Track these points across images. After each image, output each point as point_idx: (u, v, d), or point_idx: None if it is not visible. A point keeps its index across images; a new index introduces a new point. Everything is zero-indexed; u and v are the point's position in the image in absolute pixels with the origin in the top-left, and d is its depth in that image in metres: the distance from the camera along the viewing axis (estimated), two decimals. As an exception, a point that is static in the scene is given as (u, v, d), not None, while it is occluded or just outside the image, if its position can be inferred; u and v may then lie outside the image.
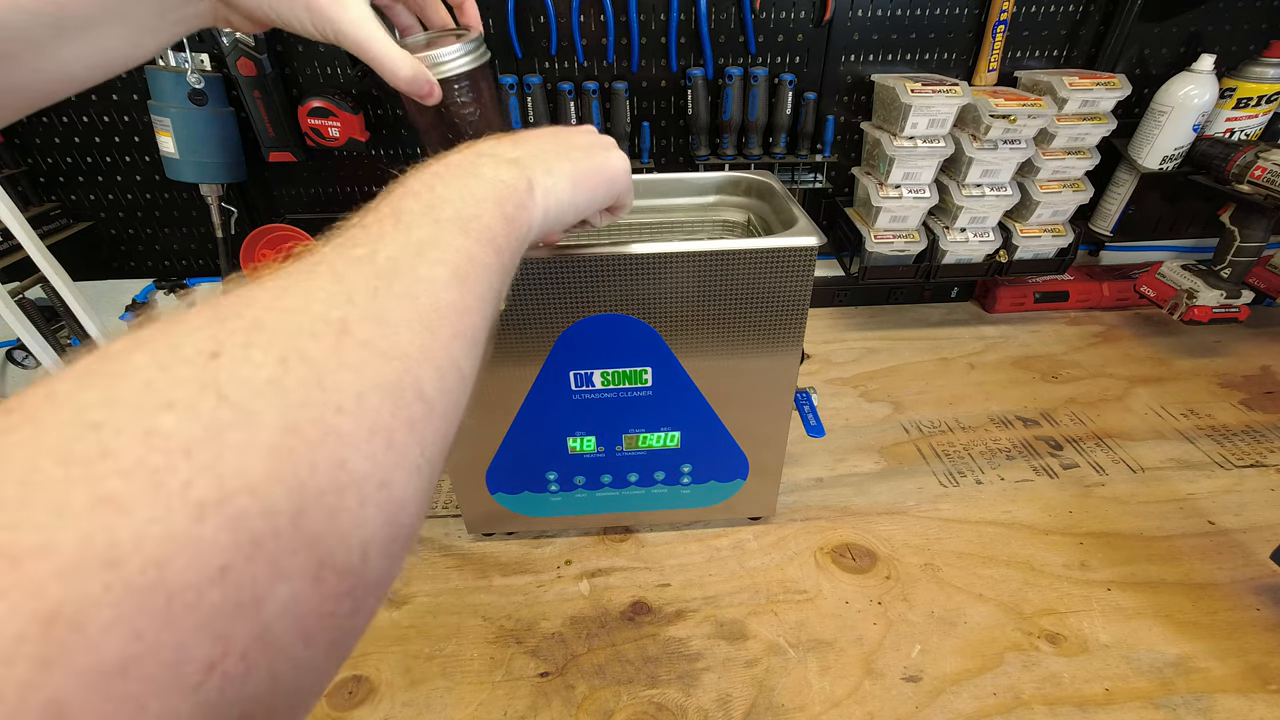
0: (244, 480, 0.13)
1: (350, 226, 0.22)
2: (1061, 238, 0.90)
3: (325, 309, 0.17)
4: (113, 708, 0.11)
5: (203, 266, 0.98)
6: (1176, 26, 0.86)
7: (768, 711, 0.48)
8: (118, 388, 0.13)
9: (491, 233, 0.25)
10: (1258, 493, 0.67)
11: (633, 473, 0.58)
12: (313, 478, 0.14)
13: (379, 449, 0.16)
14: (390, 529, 0.16)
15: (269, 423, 0.14)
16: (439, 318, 0.20)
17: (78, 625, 0.11)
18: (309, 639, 0.14)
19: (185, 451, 0.13)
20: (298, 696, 0.15)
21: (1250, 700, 0.48)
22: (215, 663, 0.12)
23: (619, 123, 0.83)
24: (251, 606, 0.13)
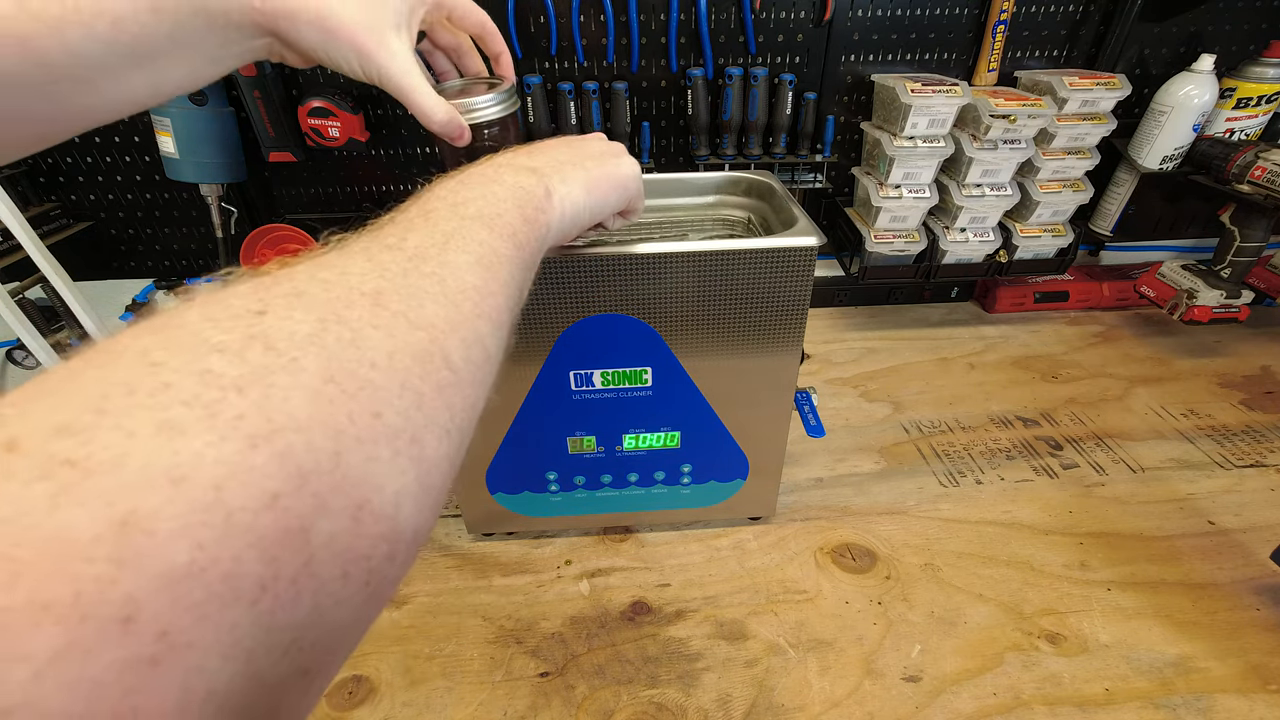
0: (290, 419, 0.14)
1: (382, 223, 0.24)
2: (1061, 238, 0.90)
3: (359, 281, 0.19)
4: (181, 610, 0.12)
5: (203, 266, 0.98)
6: (1176, 26, 0.86)
7: (768, 711, 0.48)
8: (173, 336, 0.15)
9: (512, 229, 0.26)
10: (1258, 493, 0.67)
11: (633, 473, 0.58)
12: (351, 425, 0.15)
13: (410, 406, 0.17)
14: (421, 486, 0.17)
15: (311, 369, 0.15)
16: (463, 296, 0.21)
17: (148, 531, 0.12)
18: (348, 576, 0.15)
19: (237, 389, 0.14)
20: (338, 635, 0.16)
21: (1250, 700, 0.48)
22: (268, 584, 0.13)
23: (619, 123, 0.83)
24: (299, 534, 0.14)
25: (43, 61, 0.27)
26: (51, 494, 0.11)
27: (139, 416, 0.13)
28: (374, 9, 0.34)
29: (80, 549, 0.11)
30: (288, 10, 0.32)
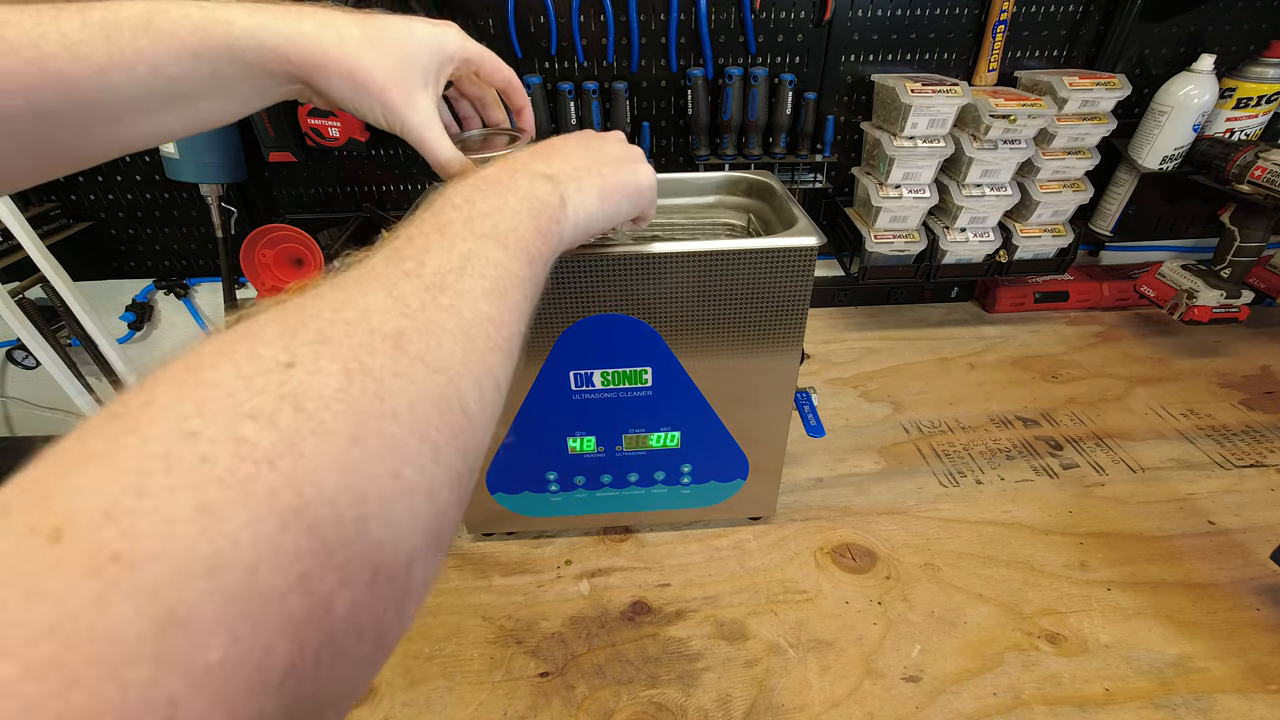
0: (319, 491, 0.14)
1: (397, 237, 0.24)
2: (1061, 238, 0.90)
3: (381, 322, 0.19)
4: (214, 707, 0.12)
5: (203, 266, 0.99)
6: (1176, 26, 0.86)
7: (768, 711, 0.48)
8: (208, 398, 0.14)
9: (525, 244, 0.26)
10: (1258, 493, 0.66)
11: (633, 473, 0.58)
12: (374, 487, 0.15)
13: (427, 459, 0.17)
14: (432, 539, 0.17)
15: (339, 432, 0.15)
16: (478, 330, 0.21)
17: (187, 627, 0.12)
18: (362, 637, 0.15)
19: (270, 461, 0.14)
20: (351, 686, 0.16)
21: (1250, 700, 0.48)
22: (295, 664, 0.13)
23: (619, 123, 0.83)
24: (323, 611, 0.14)
25: (83, 100, 0.28)
26: (99, 594, 0.11)
27: (179, 500, 0.13)
28: (403, 66, 0.35)
29: (126, 651, 0.11)
30: (319, 63, 0.33)
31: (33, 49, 0.26)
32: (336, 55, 0.33)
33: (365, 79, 0.34)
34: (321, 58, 0.33)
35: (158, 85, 0.30)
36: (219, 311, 1.02)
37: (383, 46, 0.34)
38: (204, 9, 0.30)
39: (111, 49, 0.28)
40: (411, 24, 0.36)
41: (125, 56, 0.28)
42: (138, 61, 0.29)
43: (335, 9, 0.34)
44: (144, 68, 0.29)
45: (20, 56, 0.26)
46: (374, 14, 0.35)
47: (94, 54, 0.28)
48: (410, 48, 0.36)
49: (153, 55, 0.29)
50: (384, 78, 0.34)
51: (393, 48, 0.35)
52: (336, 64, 0.33)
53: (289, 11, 0.33)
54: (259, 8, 0.32)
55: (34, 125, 0.28)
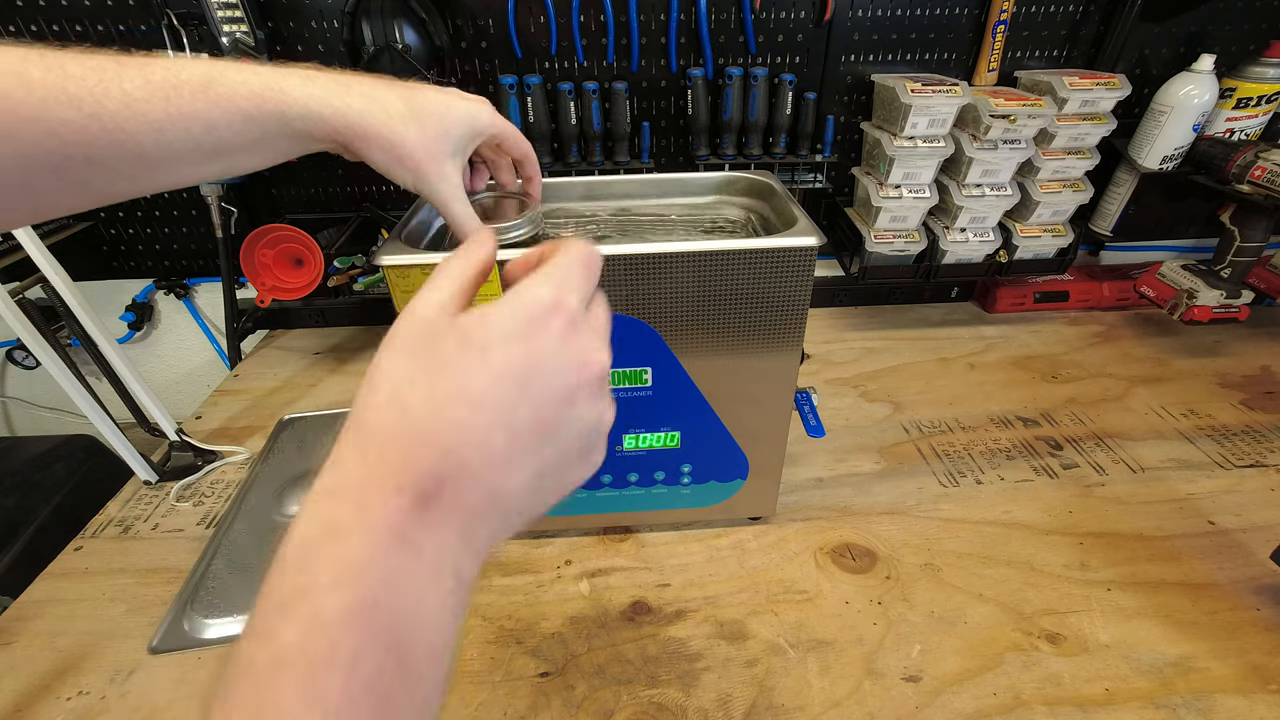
0: None
1: None
2: (1061, 238, 0.90)
3: None
4: None
5: (203, 266, 0.99)
6: (1176, 26, 0.86)
7: (768, 711, 0.48)
8: None
9: None
10: (1258, 493, 0.66)
11: (633, 473, 0.58)
12: None
13: None
14: None
15: None
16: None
17: None
18: None
19: None
20: None
21: (1250, 700, 0.48)
22: None
23: (619, 123, 0.83)
24: None
25: (136, 153, 0.30)
26: None
27: None
28: (439, 140, 0.38)
29: None
30: (363, 134, 0.35)
31: (95, 104, 0.27)
32: (382, 130, 0.36)
33: (405, 154, 0.37)
34: (367, 131, 0.35)
35: (207, 142, 0.32)
36: (219, 311, 1.02)
37: (423, 123, 0.37)
38: (261, 76, 0.32)
39: (170, 108, 0.30)
40: (450, 100, 0.39)
41: (183, 116, 0.30)
42: (193, 121, 0.30)
43: (381, 82, 0.37)
44: (198, 127, 0.31)
45: (82, 110, 0.27)
46: (417, 88, 0.38)
47: (153, 112, 0.29)
48: (447, 124, 0.39)
49: (208, 116, 0.31)
50: (421, 153, 0.37)
51: (432, 124, 0.38)
52: (380, 138, 0.36)
53: (339, 83, 0.35)
54: (311, 77, 0.34)
55: (84, 171, 0.29)
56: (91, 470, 0.86)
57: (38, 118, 0.26)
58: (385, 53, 0.74)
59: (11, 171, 0.27)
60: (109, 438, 0.66)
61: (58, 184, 0.29)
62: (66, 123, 0.27)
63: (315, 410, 0.83)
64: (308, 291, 0.86)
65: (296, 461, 0.74)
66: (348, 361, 0.95)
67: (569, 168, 0.86)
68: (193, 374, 1.14)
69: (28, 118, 0.26)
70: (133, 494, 0.70)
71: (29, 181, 0.28)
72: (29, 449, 0.85)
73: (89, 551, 0.63)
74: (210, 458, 0.75)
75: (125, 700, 0.50)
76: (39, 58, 0.27)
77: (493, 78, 0.84)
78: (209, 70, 0.31)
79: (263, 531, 0.64)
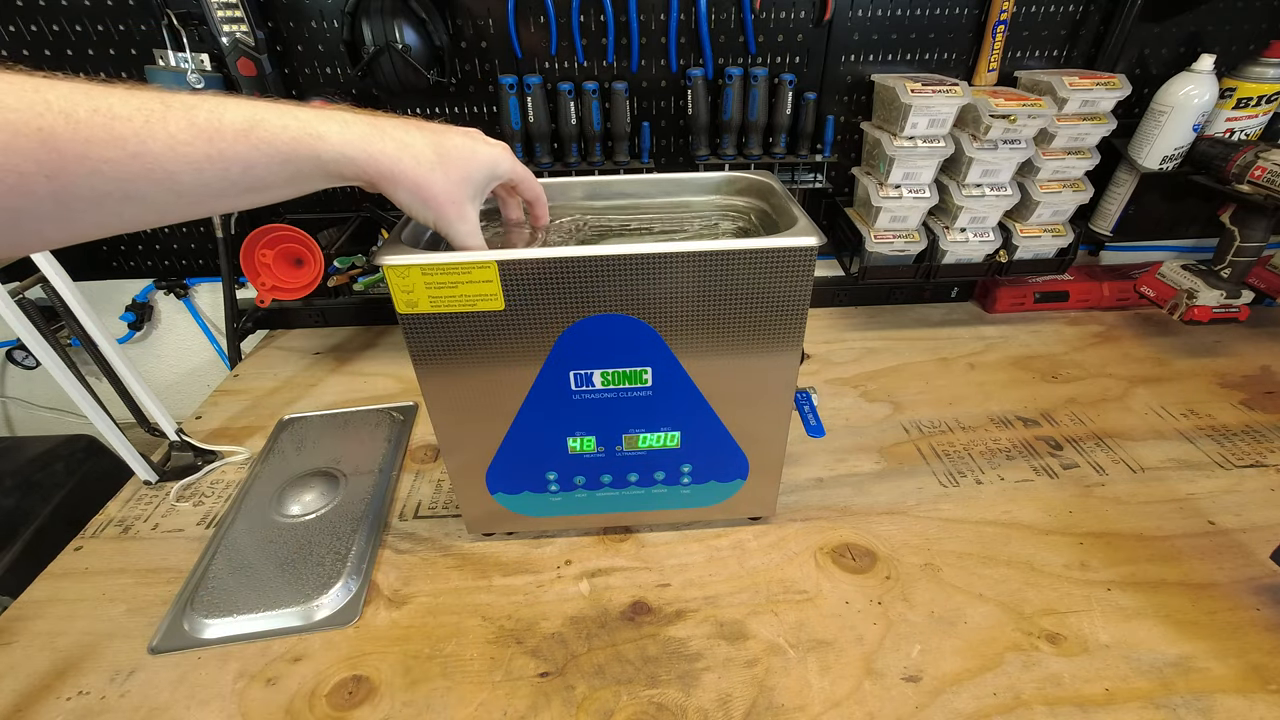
0: None
1: None
2: (1061, 238, 0.90)
3: None
4: None
5: (203, 266, 0.99)
6: (1176, 26, 0.86)
7: (768, 711, 0.48)
8: None
9: None
10: (1258, 493, 0.67)
11: (633, 473, 0.58)
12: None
13: None
14: None
15: None
16: None
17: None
18: None
19: None
20: None
21: (1250, 700, 0.48)
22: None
23: (619, 123, 0.83)
24: None
25: (174, 190, 0.31)
26: None
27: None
28: (462, 185, 0.42)
29: None
30: (391, 177, 0.38)
31: (140, 145, 0.29)
32: (410, 174, 0.39)
33: (429, 197, 0.40)
34: (396, 175, 0.38)
35: (243, 181, 0.33)
36: (219, 311, 1.02)
37: (448, 169, 0.41)
38: (300, 121, 0.34)
39: (212, 151, 0.31)
40: (475, 146, 0.43)
41: (223, 158, 0.31)
42: (233, 162, 0.32)
43: (411, 125, 0.40)
44: (238, 168, 0.32)
45: (126, 150, 0.28)
46: (443, 131, 0.41)
47: (195, 154, 0.31)
48: (470, 169, 0.42)
49: (247, 158, 0.32)
50: (445, 197, 0.41)
51: (457, 169, 0.41)
52: (408, 181, 0.39)
53: (374, 127, 0.37)
54: (348, 122, 0.36)
55: (121, 205, 0.30)
56: (91, 470, 0.86)
57: (84, 156, 0.27)
58: (385, 53, 0.74)
59: (52, 205, 0.28)
60: (109, 438, 0.66)
61: (95, 216, 0.30)
62: (110, 162, 0.28)
63: (315, 410, 0.83)
64: (308, 291, 0.86)
65: (296, 461, 0.74)
66: (348, 361, 0.95)
67: (569, 168, 0.86)
68: (193, 374, 1.14)
69: (73, 156, 0.27)
70: (133, 494, 0.70)
71: (67, 216, 0.29)
72: (29, 449, 0.85)
73: (89, 551, 0.63)
74: (210, 458, 0.75)
75: (125, 700, 0.50)
76: (84, 96, 0.27)
77: (493, 78, 0.84)
78: (252, 114, 0.32)
79: (263, 531, 0.64)
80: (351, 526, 0.64)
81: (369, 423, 0.80)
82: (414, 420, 0.81)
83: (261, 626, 0.55)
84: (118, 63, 0.80)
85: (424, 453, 0.76)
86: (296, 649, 0.53)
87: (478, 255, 0.44)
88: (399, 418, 0.81)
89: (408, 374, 0.90)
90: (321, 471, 0.71)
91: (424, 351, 0.49)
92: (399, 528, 0.65)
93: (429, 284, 0.45)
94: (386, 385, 0.89)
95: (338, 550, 0.61)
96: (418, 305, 0.47)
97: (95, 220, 0.30)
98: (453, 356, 0.49)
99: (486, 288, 0.46)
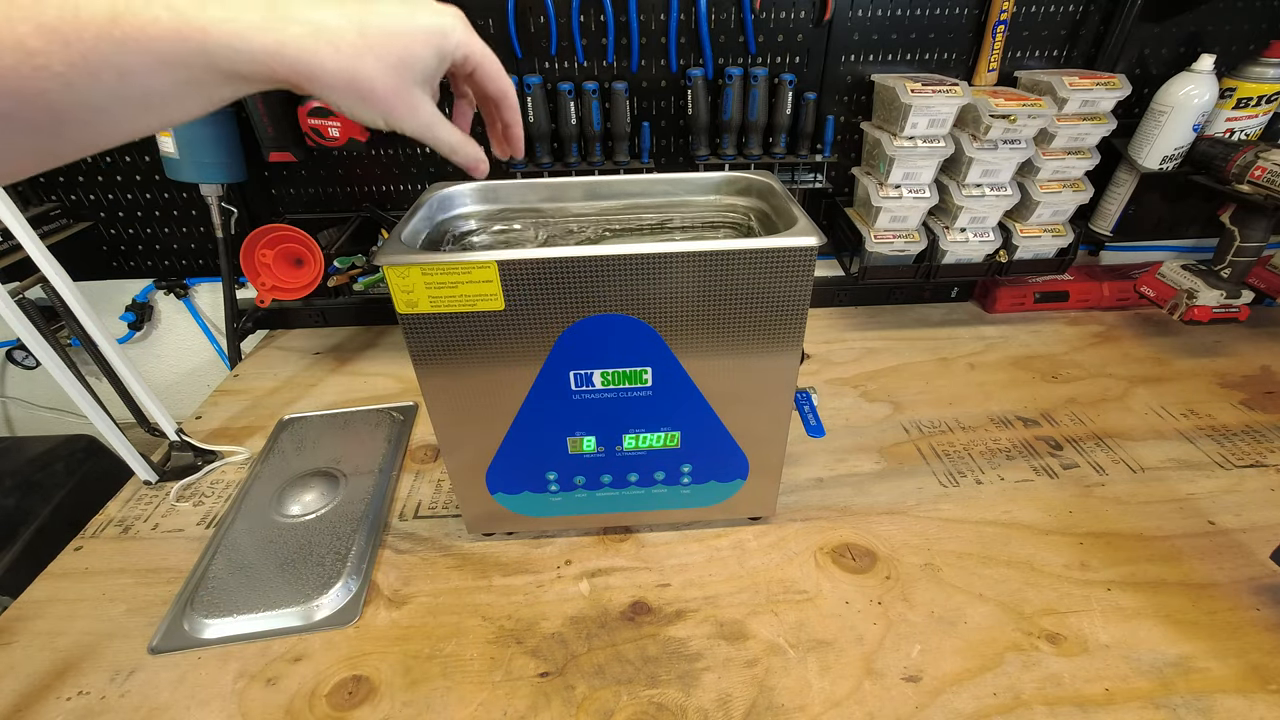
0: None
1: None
2: (1061, 238, 0.90)
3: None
4: None
5: (203, 266, 0.99)
6: (1176, 26, 0.86)
7: (768, 711, 0.48)
8: None
9: None
10: (1258, 493, 0.67)
11: (633, 473, 0.58)
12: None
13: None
14: None
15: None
16: None
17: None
18: None
19: None
20: None
21: (1250, 700, 0.48)
22: None
23: (619, 123, 0.83)
24: None
25: (54, 111, 0.27)
26: None
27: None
28: (403, 69, 0.33)
29: None
30: (311, 74, 0.31)
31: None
32: (331, 67, 0.31)
33: (366, 91, 0.33)
34: (314, 71, 0.31)
35: (128, 92, 0.28)
36: (219, 311, 1.02)
37: (381, 50, 0.32)
38: (174, 11, 0.27)
39: (73, 57, 0.26)
40: (412, 12, 0.33)
41: (89, 65, 0.26)
42: (103, 69, 0.27)
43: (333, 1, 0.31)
44: (110, 76, 0.27)
45: None
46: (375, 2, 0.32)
47: (54, 64, 0.26)
48: (411, 44, 0.33)
49: (119, 64, 0.27)
50: (384, 89, 0.33)
51: (393, 49, 0.33)
52: (331, 75, 0.31)
53: (272, 8, 0.29)
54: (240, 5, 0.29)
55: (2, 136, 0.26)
56: (91, 470, 0.86)
57: None
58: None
59: None
60: (109, 438, 0.66)
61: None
62: None
63: (315, 410, 0.83)
64: (308, 291, 0.86)
65: (296, 461, 0.74)
66: (348, 361, 0.95)
67: (569, 168, 0.86)
68: (193, 374, 1.14)
69: None
70: (133, 494, 0.70)
71: None
72: (29, 449, 0.85)
73: (89, 551, 0.63)
74: (210, 458, 0.75)
75: (125, 700, 0.50)
76: None
77: (493, 78, 0.84)
78: (111, 5, 0.26)
79: (263, 531, 0.64)
80: (351, 526, 0.64)
81: (369, 423, 0.80)
82: (414, 420, 0.81)
83: (261, 626, 0.55)
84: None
85: (424, 453, 0.76)
86: (296, 649, 0.53)
87: (478, 255, 0.44)
88: (399, 418, 0.81)
89: (408, 374, 0.90)
90: (321, 471, 0.71)
91: (424, 351, 0.49)
92: (399, 528, 0.65)
93: (429, 284, 0.45)
94: (386, 385, 0.89)
95: (338, 550, 0.61)
96: (418, 305, 0.47)
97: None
98: (453, 356, 0.49)
99: (486, 288, 0.46)
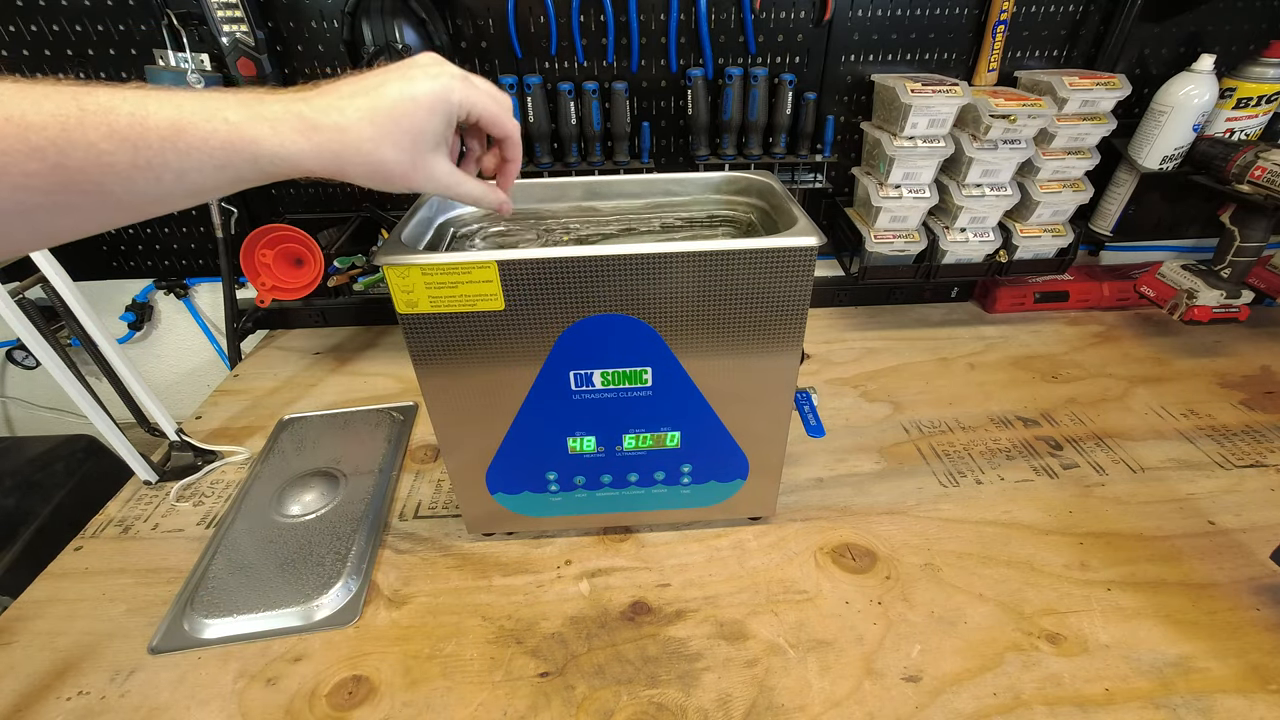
0: None
1: None
2: (1061, 238, 0.90)
3: None
4: None
5: (203, 266, 0.99)
6: (1176, 26, 0.86)
7: (768, 711, 0.48)
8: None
9: None
10: (1258, 493, 0.66)
11: (633, 473, 0.58)
12: None
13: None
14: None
15: None
16: None
17: None
18: None
19: None
20: None
21: (1250, 700, 0.48)
22: None
23: (619, 123, 0.83)
24: None
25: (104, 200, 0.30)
26: None
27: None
28: (417, 146, 0.37)
29: None
30: (339, 169, 0.35)
31: (59, 155, 0.27)
32: (355, 160, 0.35)
33: (386, 175, 0.37)
34: (343, 167, 0.35)
35: (180, 189, 0.31)
36: (219, 311, 1.02)
37: (396, 136, 0.36)
38: (230, 125, 0.31)
39: (139, 160, 0.29)
40: (413, 83, 0.36)
41: (152, 168, 0.30)
42: (164, 170, 0.30)
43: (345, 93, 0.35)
44: (169, 175, 0.30)
45: (46, 162, 0.27)
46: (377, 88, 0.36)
47: (120, 164, 0.29)
48: (416, 119, 0.37)
49: (178, 166, 0.30)
50: (402, 169, 0.37)
51: (405, 130, 0.36)
52: (356, 167, 0.36)
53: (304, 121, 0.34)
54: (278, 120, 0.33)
55: (51, 216, 0.29)
56: (91, 470, 0.86)
57: (3, 170, 0.26)
58: (385, 53, 0.74)
59: None
60: (109, 438, 0.66)
61: (28, 230, 0.29)
62: (31, 174, 0.27)
63: (315, 410, 0.83)
64: (308, 291, 0.86)
65: (296, 461, 0.74)
66: (348, 361, 0.95)
67: (569, 168, 0.86)
68: (193, 374, 1.14)
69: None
70: (133, 494, 0.70)
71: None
72: (29, 449, 0.85)
73: (89, 551, 0.63)
74: (210, 458, 0.75)
75: (125, 700, 0.50)
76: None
77: (493, 78, 0.84)
78: (176, 116, 0.30)
79: (263, 531, 0.64)
80: (351, 526, 0.64)
81: (369, 423, 0.80)
82: (414, 420, 0.81)
83: (261, 626, 0.55)
84: (117, 63, 0.80)
85: (424, 453, 0.76)
86: (296, 649, 0.53)
87: (478, 255, 0.44)
88: (399, 418, 0.81)
89: (408, 374, 0.90)
90: (321, 471, 0.71)
91: (424, 351, 0.49)
92: (399, 528, 0.65)
93: (429, 284, 0.45)
94: (386, 385, 0.89)
95: (338, 550, 0.61)
96: (418, 305, 0.47)
97: (29, 231, 0.29)
98: (453, 356, 0.49)
99: (486, 288, 0.46)
